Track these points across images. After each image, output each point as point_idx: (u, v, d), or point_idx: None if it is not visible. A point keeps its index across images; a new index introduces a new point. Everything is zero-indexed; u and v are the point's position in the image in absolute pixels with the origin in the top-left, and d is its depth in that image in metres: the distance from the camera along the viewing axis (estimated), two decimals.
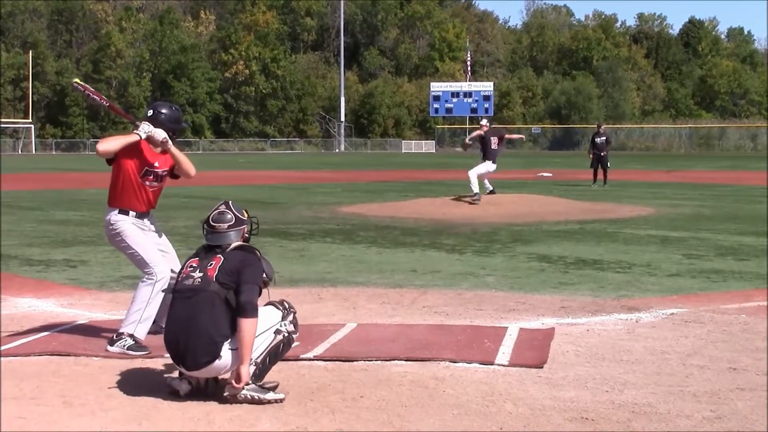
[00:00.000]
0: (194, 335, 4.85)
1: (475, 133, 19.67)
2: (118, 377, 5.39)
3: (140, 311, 6.18)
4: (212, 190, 25.46)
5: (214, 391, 5.00)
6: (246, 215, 5.21)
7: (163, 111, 6.37)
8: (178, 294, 5.02)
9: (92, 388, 5.18)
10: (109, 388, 5.18)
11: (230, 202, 5.24)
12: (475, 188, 18.34)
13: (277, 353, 5.01)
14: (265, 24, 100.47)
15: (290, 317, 5.08)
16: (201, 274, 4.96)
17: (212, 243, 5.08)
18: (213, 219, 5.12)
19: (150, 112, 6.36)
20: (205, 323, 4.85)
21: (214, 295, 4.88)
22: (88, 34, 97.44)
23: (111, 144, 6.27)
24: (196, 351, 4.85)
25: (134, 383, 5.24)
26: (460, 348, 6.10)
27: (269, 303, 5.13)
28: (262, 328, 4.94)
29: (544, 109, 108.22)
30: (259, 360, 4.92)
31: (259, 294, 4.96)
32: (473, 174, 18.51)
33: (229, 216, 5.12)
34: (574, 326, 6.93)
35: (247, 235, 5.21)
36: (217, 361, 4.87)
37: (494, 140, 18.95)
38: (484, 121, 19.95)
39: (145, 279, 6.27)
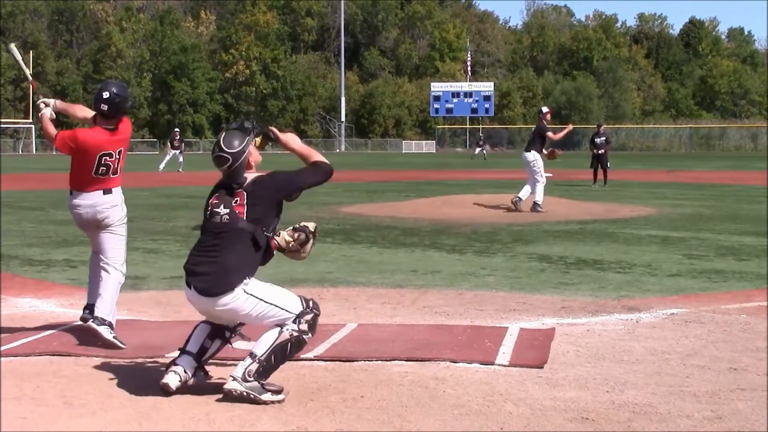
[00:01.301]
0: (218, 263, 4.90)
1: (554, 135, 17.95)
2: (119, 377, 5.38)
3: (114, 299, 6.42)
4: None
5: (202, 384, 5.01)
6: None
7: (113, 89, 6.55)
8: (209, 231, 5.04)
9: (93, 388, 5.18)
10: (110, 388, 5.18)
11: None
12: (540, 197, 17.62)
13: (285, 352, 4.93)
14: (266, 24, 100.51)
15: (308, 317, 4.98)
16: (227, 210, 4.99)
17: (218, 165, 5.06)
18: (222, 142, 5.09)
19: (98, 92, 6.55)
20: (230, 258, 4.90)
21: (242, 232, 4.94)
22: (89, 34, 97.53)
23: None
24: (213, 278, 4.89)
25: (134, 383, 5.23)
26: (461, 348, 6.10)
27: (299, 295, 5.10)
28: (276, 310, 4.94)
29: None
30: (263, 357, 4.86)
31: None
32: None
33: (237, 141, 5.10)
34: (574, 326, 6.93)
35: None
36: (228, 294, 4.87)
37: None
38: (545, 108, 18.78)
39: (114, 268, 6.48)
